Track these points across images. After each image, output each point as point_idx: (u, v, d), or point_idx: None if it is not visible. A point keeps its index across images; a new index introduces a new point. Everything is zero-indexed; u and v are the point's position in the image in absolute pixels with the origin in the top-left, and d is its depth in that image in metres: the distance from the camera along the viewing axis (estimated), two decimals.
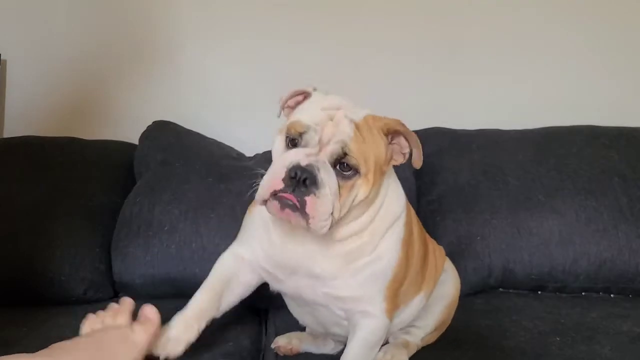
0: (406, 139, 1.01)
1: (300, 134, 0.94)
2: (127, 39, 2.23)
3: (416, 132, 2.09)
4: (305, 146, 0.93)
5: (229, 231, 1.61)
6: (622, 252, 1.66)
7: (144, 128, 1.99)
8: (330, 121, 0.94)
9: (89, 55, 2.22)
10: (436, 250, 1.33)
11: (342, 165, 0.92)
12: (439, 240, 1.75)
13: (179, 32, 2.23)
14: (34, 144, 1.90)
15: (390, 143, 1.01)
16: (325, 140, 0.92)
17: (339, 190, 0.91)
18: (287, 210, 0.90)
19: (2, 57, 2.19)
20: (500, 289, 1.75)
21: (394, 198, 1.07)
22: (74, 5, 2.21)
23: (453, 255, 1.71)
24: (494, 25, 2.25)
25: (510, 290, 1.74)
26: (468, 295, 1.70)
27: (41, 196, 1.73)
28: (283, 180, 0.89)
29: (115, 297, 1.69)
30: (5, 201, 1.70)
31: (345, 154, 0.91)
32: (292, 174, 0.89)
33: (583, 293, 1.72)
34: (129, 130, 2.06)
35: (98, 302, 1.63)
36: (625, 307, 1.55)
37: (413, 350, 1.23)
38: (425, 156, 1.99)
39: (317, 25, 2.25)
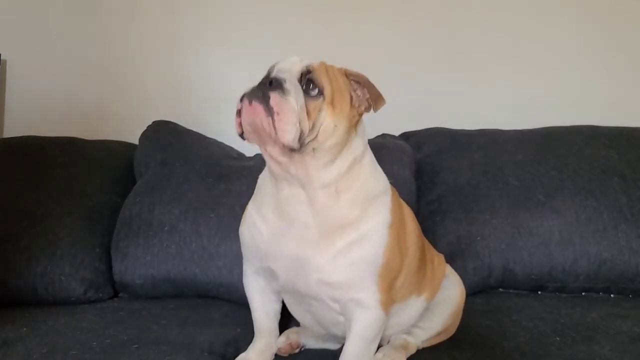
0: (360, 84, 1.07)
1: (273, 69, 1.04)
2: (127, 39, 2.23)
3: (416, 132, 2.12)
4: (280, 72, 1.01)
5: (229, 231, 1.62)
6: (622, 252, 1.66)
7: (144, 128, 1.99)
8: (300, 60, 1.04)
9: (89, 55, 2.23)
10: (435, 258, 1.33)
11: (308, 84, 0.99)
12: (438, 241, 1.77)
13: (179, 32, 2.24)
14: (34, 144, 1.91)
15: (351, 87, 1.07)
16: (294, 67, 1.02)
17: (306, 110, 0.97)
18: (256, 103, 0.95)
19: (2, 57, 2.19)
20: (500, 289, 1.75)
21: (370, 173, 1.12)
22: (74, 5, 2.22)
23: (453, 255, 1.72)
24: (494, 26, 2.25)
25: (510, 290, 1.74)
26: (468, 295, 1.69)
27: (41, 196, 1.73)
28: (254, 86, 0.98)
29: (115, 297, 1.70)
30: (5, 201, 1.71)
31: (309, 71, 1.00)
32: (262, 81, 0.98)
33: (583, 293, 1.71)
34: (129, 130, 2.07)
35: (98, 302, 1.63)
36: (625, 307, 1.55)
37: (412, 351, 1.23)
38: (426, 156, 2.02)
39: (317, 25, 2.25)
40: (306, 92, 0.99)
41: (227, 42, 2.24)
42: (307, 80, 1.00)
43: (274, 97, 0.94)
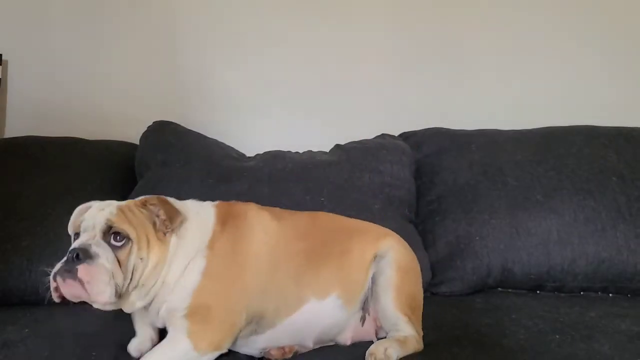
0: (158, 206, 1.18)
1: (79, 227, 1.15)
2: (128, 39, 2.24)
3: (416, 132, 2.14)
4: (83, 234, 1.12)
5: None
6: (620, 251, 1.67)
7: (145, 128, 2.00)
8: (102, 210, 1.15)
9: (89, 55, 2.23)
10: (355, 249, 1.33)
11: (115, 237, 1.11)
12: (438, 240, 1.77)
13: (179, 32, 2.24)
14: (35, 144, 1.91)
15: (152, 213, 1.18)
16: (97, 224, 1.12)
17: (119, 260, 1.10)
18: (69, 281, 1.06)
19: (3, 58, 2.19)
20: (499, 289, 1.76)
21: (185, 243, 1.20)
22: (75, 5, 2.22)
23: (452, 255, 1.73)
24: (493, 26, 2.26)
25: (509, 290, 1.75)
26: (467, 295, 1.71)
27: (42, 196, 1.73)
28: (63, 263, 1.08)
29: None
30: (6, 201, 1.71)
31: (110, 227, 1.11)
32: (69, 256, 1.07)
33: (581, 292, 1.72)
34: (130, 130, 2.07)
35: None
36: (624, 307, 1.55)
37: (412, 342, 1.24)
38: (425, 156, 2.03)
39: (316, 26, 2.26)
40: (114, 244, 1.11)
41: (227, 42, 2.25)
42: (112, 233, 1.11)
43: (82, 269, 1.05)
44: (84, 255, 1.06)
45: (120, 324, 1.37)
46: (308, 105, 2.27)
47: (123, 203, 1.18)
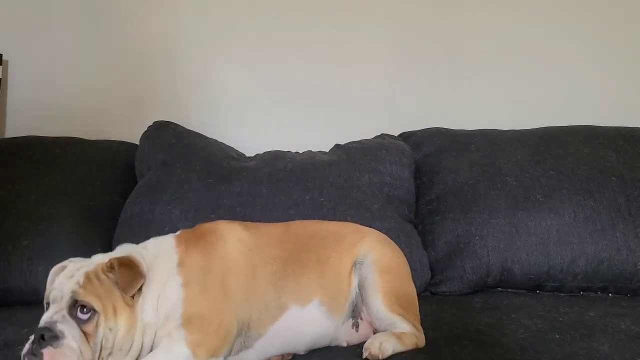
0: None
1: (49, 297, 1.11)
2: (128, 39, 2.24)
3: (416, 132, 2.14)
4: (52, 305, 1.08)
5: None
6: (620, 251, 1.67)
7: (145, 128, 2.00)
8: (71, 278, 1.10)
9: (90, 55, 2.23)
10: (328, 259, 1.32)
11: (81, 309, 1.07)
12: (437, 240, 1.77)
13: (179, 32, 2.24)
14: (35, 144, 1.91)
15: (116, 277, 1.13)
16: (64, 295, 1.08)
17: (86, 334, 1.06)
18: None
19: (3, 58, 2.19)
20: (499, 289, 1.76)
21: (153, 284, 1.17)
22: (75, 6, 2.22)
23: (452, 254, 1.73)
24: (493, 26, 2.26)
25: (509, 290, 1.75)
26: (467, 294, 1.71)
27: (42, 196, 1.73)
28: (30, 343, 1.04)
29: None
30: (6, 201, 1.71)
31: (76, 301, 1.06)
32: (35, 335, 1.03)
33: (581, 292, 1.72)
34: (130, 131, 2.07)
35: None
36: (623, 306, 1.56)
37: (411, 338, 1.24)
38: (425, 156, 2.04)
39: (316, 26, 2.26)
40: (80, 318, 1.06)
41: (227, 42, 2.25)
42: (78, 307, 1.07)
43: (47, 354, 1.01)
44: (48, 336, 1.03)
45: None
46: (308, 105, 2.27)
47: (92, 267, 1.13)
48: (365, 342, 1.24)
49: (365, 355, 1.19)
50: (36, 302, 1.57)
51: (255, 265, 1.25)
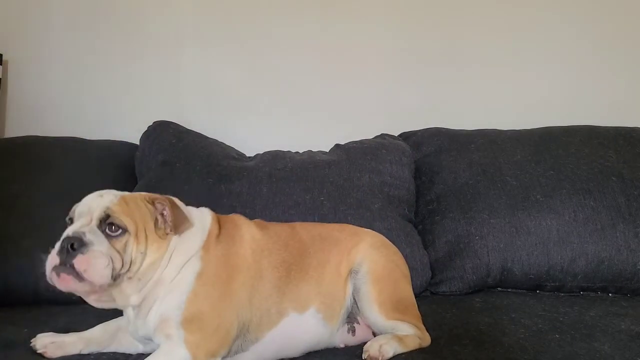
0: (166, 207, 1.16)
1: (74, 212, 1.12)
2: (128, 39, 2.24)
3: (416, 132, 2.14)
4: (78, 220, 1.09)
5: None
6: (620, 251, 1.67)
7: (145, 128, 2.00)
8: (100, 197, 1.12)
9: (90, 55, 2.23)
10: (326, 264, 1.32)
11: (110, 227, 1.07)
12: (437, 240, 1.77)
13: (179, 33, 2.24)
14: (35, 144, 1.91)
15: (157, 211, 1.16)
16: (94, 210, 1.09)
17: (115, 249, 1.06)
18: (63, 275, 1.03)
19: (4, 58, 2.19)
20: (499, 288, 1.76)
21: (183, 242, 1.18)
22: (75, 6, 2.22)
23: (452, 254, 1.73)
24: (493, 26, 2.26)
25: (509, 290, 1.76)
26: (467, 294, 1.72)
27: (42, 196, 1.73)
28: (57, 254, 1.04)
29: None
30: (6, 201, 1.71)
31: (108, 216, 1.07)
32: (62, 245, 1.04)
33: (581, 292, 1.73)
34: (130, 130, 2.07)
35: None
36: (623, 306, 1.56)
37: (413, 339, 1.24)
38: (425, 156, 2.04)
39: (316, 26, 2.26)
40: (109, 234, 1.07)
41: (227, 42, 2.25)
42: (108, 224, 1.08)
43: (78, 261, 1.02)
44: (78, 244, 1.03)
45: None
46: (308, 105, 2.27)
47: (127, 194, 1.15)
48: (364, 343, 1.23)
49: (364, 356, 1.18)
50: (36, 302, 1.58)
51: (263, 267, 1.24)
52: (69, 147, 1.91)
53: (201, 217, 1.26)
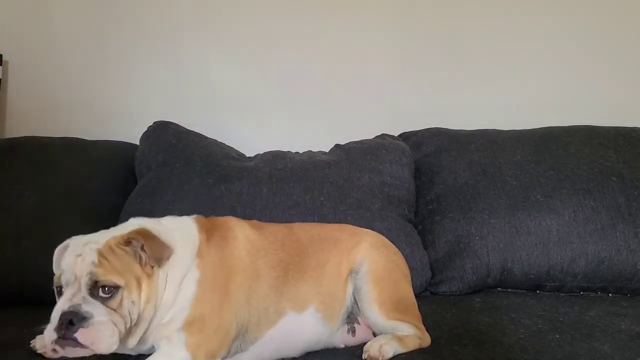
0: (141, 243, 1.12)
1: (60, 280, 1.08)
2: (128, 39, 2.24)
3: (416, 132, 2.14)
4: (67, 288, 1.06)
5: None
6: (620, 251, 1.67)
7: (145, 128, 2.00)
8: (79, 257, 1.07)
9: (90, 56, 2.24)
10: (326, 264, 1.32)
11: (103, 290, 1.05)
12: (437, 240, 1.77)
13: (180, 33, 2.25)
14: (35, 144, 1.91)
15: (136, 249, 1.12)
16: (79, 276, 1.05)
17: (113, 310, 1.04)
18: (69, 349, 1.02)
19: (3, 58, 2.19)
20: (499, 289, 1.76)
21: (177, 265, 1.16)
22: (75, 6, 2.22)
23: (452, 254, 1.73)
24: (493, 27, 2.26)
25: (509, 290, 1.75)
26: (467, 294, 1.72)
27: (42, 196, 1.73)
28: (55, 330, 1.02)
29: None
30: (6, 201, 1.71)
31: (96, 281, 1.04)
32: (61, 321, 1.01)
33: (581, 292, 1.73)
34: (130, 131, 2.07)
35: None
36: (623, 306, 1.56)
37: (413, 339, 1.24)
38: (424, 156, 2.04)
39: (316, 26, 2.26)
40: (103, 297, 1.05)
41: (227, 42, 2.25)
42: (100, 287, 1.05)
43: (82, 336, 1.00)
44: (77, 319, 1.01)
45: None
46: (308, 105, 2.27)
47: (102, 243, 1.10)
48: (364, 343, 1.23)
49: (364, 357, 1.18)
50: (36, 302, 1.57)
51: (260, 267, 1.24)
52: (69, 147, 1.91)
53: (185, 229, 1.24)
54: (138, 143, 1.98)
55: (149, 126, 2.00)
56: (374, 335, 1.31)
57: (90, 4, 2.22)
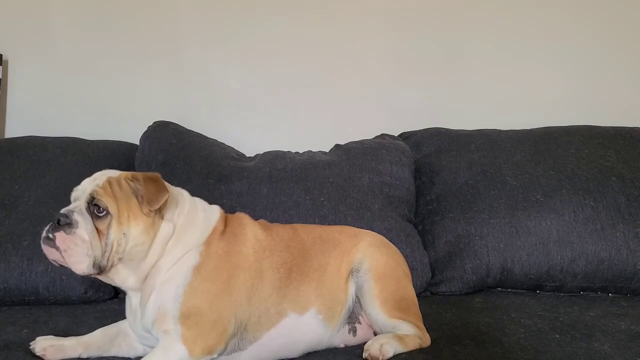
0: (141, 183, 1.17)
1: (72, 197, 1.19)
2: (128, 39, 2.24)
3: (416, 132, 2.14)
4: (74, 202, 1.16)
5: None
6: (620, 251, 1.67)
7: (145, 128, 2.00)
8: (92, 180, 1.19)
9: (90, 55, 2.23)
10: (327, 266, 1.32)
11: (97, 208, 1.12)
12: (437, 240, 1.77)
13: (180, 33, 2.25)
14: (35, 144, 1.91)
15: (138, 190, 1.17)
16: (85, 193, 1.15)
17: (99, 230, 1.11)
18: (45, 246, 1.10)
19: (3, 58, 2.19)
20: (499, 288, 1.77)
21: (185, 233, 1.22)
22: (76, 6, 2.22)
23: (452, 254, 1.73)
24: (493, 26, 2.27)
25: (509, 290, 1.76)
26: (467, 294, 1.72)
27: (42, 196, 1.73)
28: (48, 227, 1.11)
29: (115, 297, 1.69)
30: (6, 201, 1.71)
31: (93, 198, 1.13)
32: (53, 219, 1.11)
33: (581, 292, 1.73)
34: (130, 131, 2.07)
35: (98, 302, 1.64)
36: (623, 306, 1.56)
37: (413, 339, 1.24)
38: (424, 156, 2.03)
39: (316, 26, 2.26)
40: (95, 215, 1.12)
41: (227, 42, 2.25)
42: (94, 205, 1.12)
43: (59, 237, 1.08)
44: (64, 221, 1.09)
45: None
46: (308, 105, 2.27)
47: (116, 175, 1.18)
48: (364, 343, 1.23)
49: (365, 355, 1.18)
50: (36, 302, 1.58)
51: (264, 268, 1.25)
52: (69, 147, 1.90)
53: (209, 212, 1.28)
54: (138, 143, 1.98)
55: (149, 126, 2.00)
56: (375, 334, 1.31)
57: (90, 4, 2.22)
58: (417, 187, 1.95)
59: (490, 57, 2.26)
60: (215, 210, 1.30)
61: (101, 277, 1.16)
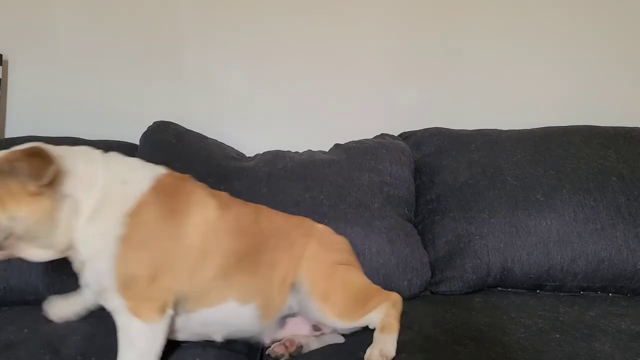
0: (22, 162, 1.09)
1: None
2: (128, 39, 2.24)
3: (416, 132, 2.14)
4: None
5: None
6: (620, 251, 1.67)
7: (145, 128, 2.00)
8: None
9: (90, 55, 2.23)
10: (276, 265, 1.30)
11: None
12: (437, 240, 1.77)
13: (180, 32, 2.24)
14: None
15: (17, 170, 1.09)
16: None
17: None
18: None
19: (3, 58, 2.19)
20: (499, 288, 1.76)
21: (100, 215, 1.15)
22: (76, 5, 2.22)
23: (452, 254, 1.73)
24: (493, 26, 2.26)
25: (509, 289, 1.75)
26: (467, 294, 1.72)
27: None
28: None
29: None
30: None
31: None
32: None
33: (581, 292, 1.73)
34: (130, 131, 2.07)
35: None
36: (623, 306, 1.56)
37: (391, 317, 1.27)
38: (424, 156, 2.03)
39: (315, 25, 2.26)
40: None
41: (227, 42, 2.25)
42: None
43: None
44: None
45: None
46: (308, 105, 2.27)
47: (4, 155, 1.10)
48: (290, 337, 1.28)
49: None
50: (36, 302, 1.57)
51: (209, 250, 1.21)
52: None
53: (134, 180, 1.21)
54: (138, 143, 1.98)
55: (149, 126, 2.00)
56: (316, 328, 1.33)
57: (90, 4, 2.22)
58: (417, 186, 1.95)
59: (490, 57, 2.26)
60: (147, 179, 1.23)
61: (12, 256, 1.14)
